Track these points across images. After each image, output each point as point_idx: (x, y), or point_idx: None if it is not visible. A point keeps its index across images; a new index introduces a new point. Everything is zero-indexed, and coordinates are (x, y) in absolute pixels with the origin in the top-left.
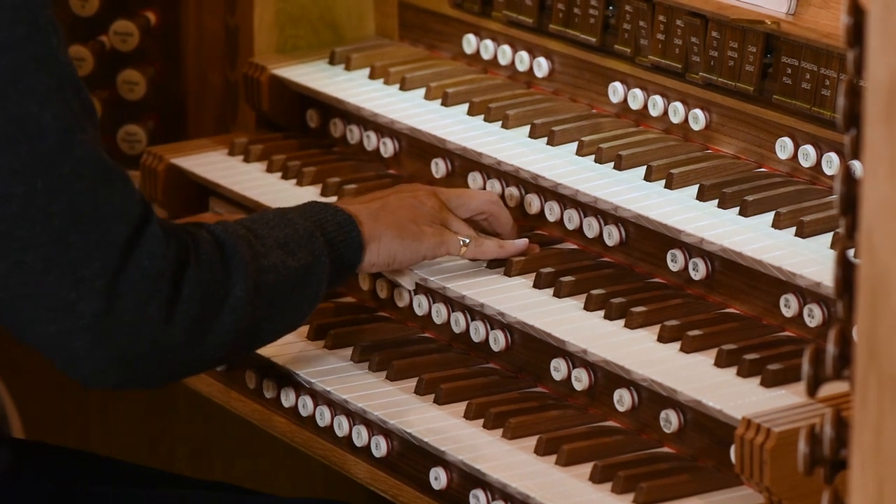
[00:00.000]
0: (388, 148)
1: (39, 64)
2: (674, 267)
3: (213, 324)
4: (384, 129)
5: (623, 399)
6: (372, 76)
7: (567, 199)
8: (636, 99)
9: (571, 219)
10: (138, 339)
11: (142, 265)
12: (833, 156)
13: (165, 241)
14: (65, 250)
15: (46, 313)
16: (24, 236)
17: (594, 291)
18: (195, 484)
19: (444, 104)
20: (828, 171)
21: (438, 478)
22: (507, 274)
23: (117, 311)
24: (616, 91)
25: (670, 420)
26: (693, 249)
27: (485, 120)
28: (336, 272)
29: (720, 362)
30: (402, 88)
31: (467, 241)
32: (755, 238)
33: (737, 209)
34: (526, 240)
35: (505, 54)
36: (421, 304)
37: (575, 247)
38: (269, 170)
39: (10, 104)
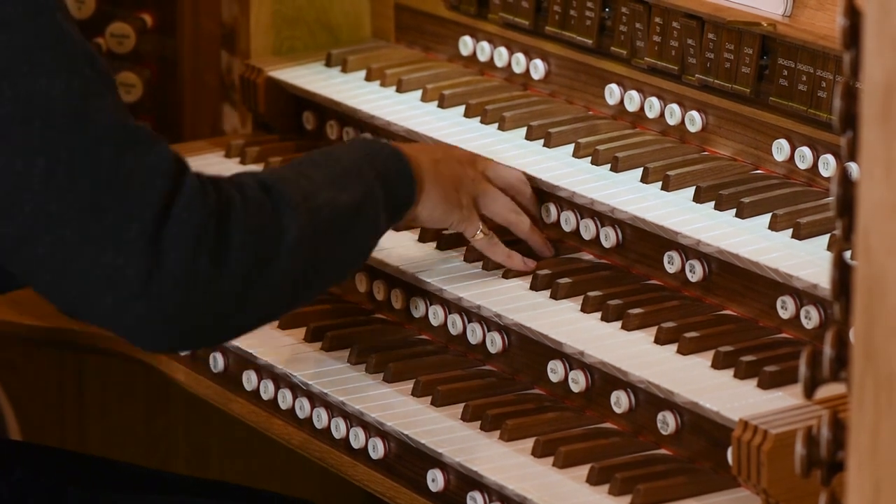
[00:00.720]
0: None
1: (46, 38)
2: (670, 269)
3: (271, 267)
4: (381, 131)
5: (620, 401)
6: (368, 78)
7: (564, 201)
8: (633, 101)
9: (568, 221)
10: (193, 293)
11: (181, 218)
12: (829, 157)
13: (203, 191)
14: (101, 217)
15: (98, 285)
16: (56, 211)
17: (591, 293)
18: (193, 483)
19: (440, 106)
20: (824, 172)
21: (436, 479)
22: (505, 276)
23: (166, 268)
24: (612, 93)
25: (667, 422)
26: (690, 251)
27: (481, 122)
28: (392, 205)
29: (717, 364)
30: (398, 90)
31: (482, 234)
32: (752, 240)
33: (733, 211)
34: (534, 263)
35: (501, 56)
36: (418, 306)
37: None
38: None
39: (20, 81)
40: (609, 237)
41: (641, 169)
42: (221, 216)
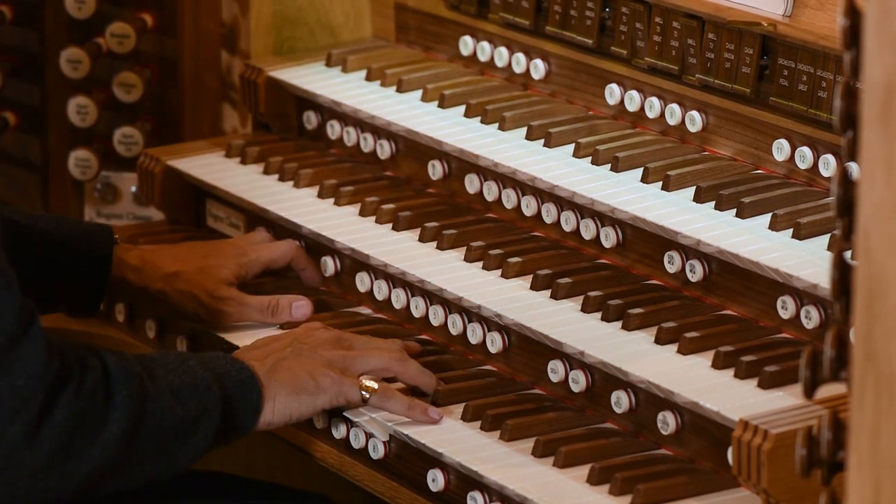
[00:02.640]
0: (384, 150)
1: None
2: (671, 269)
3: (80, 455)
4: (381, 131)
5: (620, 401)
6: (369, 78)
7: (564, 201)
8: (633, 101)
9: (568, 220)
10: None
11: (14, 383)
12: (830, 157)
13: (48, 357)
14: None
15: None
16: None
17: (591, 293)
18: (193, 479)
19: (440, 106)
20: (824, 172)
21: (436, 479)
22: (505, 276)
23: None
24: (613, 93)
25: (668, 422)
26: (690, 251)
27: (481, 122)
28: (226, 431)
29: (717, 364)
30: (398, 90)
31: (368, 393)
32: (752, 240)
33: (734, 211)
34: (438, 414)
35: (501, 56)
36: (418, 306)
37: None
38: (266, 172)
39: None
40: (609, 237)
41: (642, 169)
42: (51, 393)
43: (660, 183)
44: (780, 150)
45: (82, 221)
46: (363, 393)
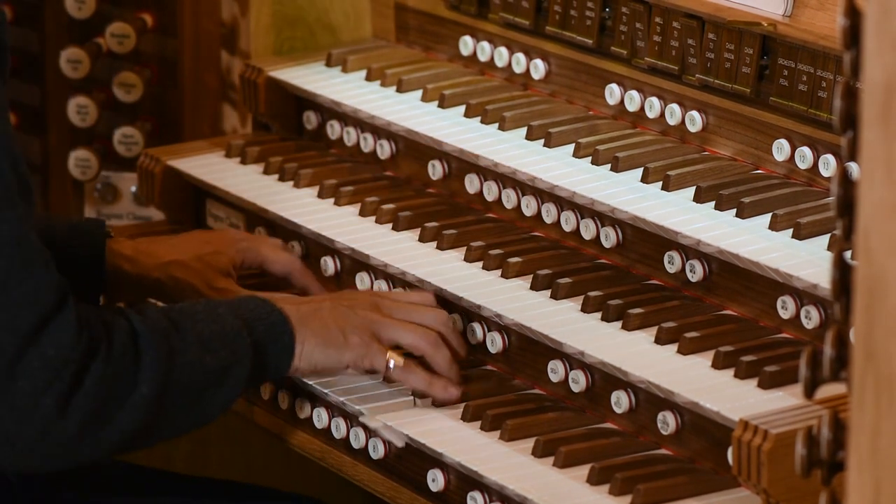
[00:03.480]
0: (384, 150)
1: None
2: (671, 269)
3: (112, 419)
4: (381, 131)
5: (620, 401)
6: (369, 78)
7: (564, 201)
8: (633, 101)
9: (568, 220)
10: (27, 427)
11: (46, 353)
12: (830, 157)
13: (78, 331)
14: None
15: None
16: None
17: (591, 293)
18: (193, 483)
19: (440, 106)
20: (825, 172)
21: (436, 479)
22: (505, 276)
23: (10, 395)
24: (613, 93)
25: (668, 422)
26: (690, 251)
27: (482, 122)
28: (257, 375)
29: (717, 364)
30: (398, 90)
31: (393, 363)
32: (752, 240)
33: (734, 211)
34: (457, 391)
35: (501, 56)
36: None
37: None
38: (266, 172)
39: None
40: (609, 237)
41: (642, 169)
42: (82, 364)
43: (660, 183)
44: (780, 150)
45: (72, 217)
46: (389, 362)
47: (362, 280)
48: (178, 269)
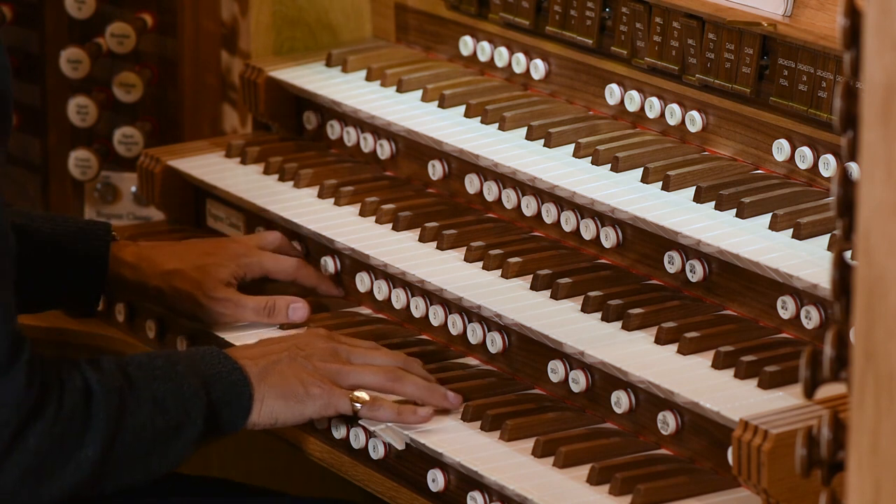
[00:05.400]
0: (385, 150)
1: None
2: (671, 269)
3: (53, 477)
4: (381, 131)
5: (620, 401)
6: (369, 78)
7: (564, 201)
8: (633, 101)
9: (568, 221)
10: None
11: None
12: (830, 157)
13: (26, 389)
14: None
15: None
16: None
17: (591, 293)
18: (193, 482)
19: (440, 106)
20: (825, 172)
21: (436, 479)
22: (505, 276)
23: None
24: (613, 93)
25: (668, 422)
26: (690, 251)
27: (482, 122)
28: (210, 434)
29: (718, 364)
30: (399, 90)
31: (359, 404)
32: (752, 240)
33: (734, 211)
34: (428, 412)
35: (502, 56)
36: (418, 307)
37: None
38: (266, 172)
39: None
40: (609, 237)
41: (642, 169)
42: (29, 419)
43: (660, 183)
44: (780, 150)
45: (80, 219)
46: (354, 404)
47: (362, 280)
48: (177, 279)
